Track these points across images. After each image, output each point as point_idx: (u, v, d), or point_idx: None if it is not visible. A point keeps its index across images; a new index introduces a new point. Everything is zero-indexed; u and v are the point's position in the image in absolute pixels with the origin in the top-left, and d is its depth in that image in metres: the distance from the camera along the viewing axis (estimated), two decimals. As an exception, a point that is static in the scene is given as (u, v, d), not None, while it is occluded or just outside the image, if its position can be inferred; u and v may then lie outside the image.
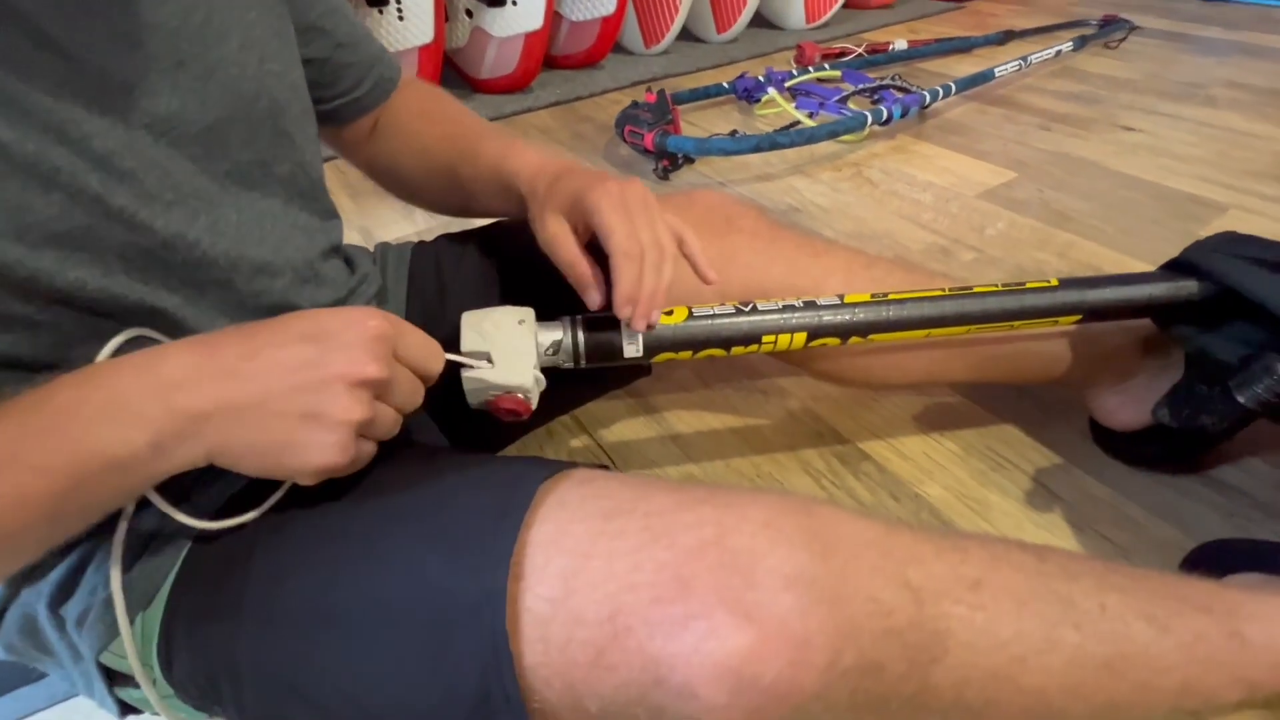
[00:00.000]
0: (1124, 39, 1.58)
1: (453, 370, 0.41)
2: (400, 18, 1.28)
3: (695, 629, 0.26)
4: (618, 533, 0.29)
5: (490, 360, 0.40)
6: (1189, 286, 0.49)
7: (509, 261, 0.52)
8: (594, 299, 0.40)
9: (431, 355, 0.34)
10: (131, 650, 0.33)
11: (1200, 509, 0.55)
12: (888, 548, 0.30)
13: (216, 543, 0.35)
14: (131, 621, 0.33)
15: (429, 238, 0.57)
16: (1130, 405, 0.57)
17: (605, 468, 0.60)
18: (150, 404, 0.27)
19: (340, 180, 1.16)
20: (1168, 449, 0.57)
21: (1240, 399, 0.43)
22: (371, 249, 0.55)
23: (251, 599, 0.32)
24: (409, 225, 1.03)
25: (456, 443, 0.52)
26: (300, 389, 0.28)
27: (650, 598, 0.27)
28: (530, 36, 1.39)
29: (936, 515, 0.56)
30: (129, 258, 0.33)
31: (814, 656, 0.26)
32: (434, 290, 0.52)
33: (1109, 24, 1.59)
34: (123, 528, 0.32)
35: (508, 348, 0.40)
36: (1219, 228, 0.79)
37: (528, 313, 0.42)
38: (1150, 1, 1.88)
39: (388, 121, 0.53)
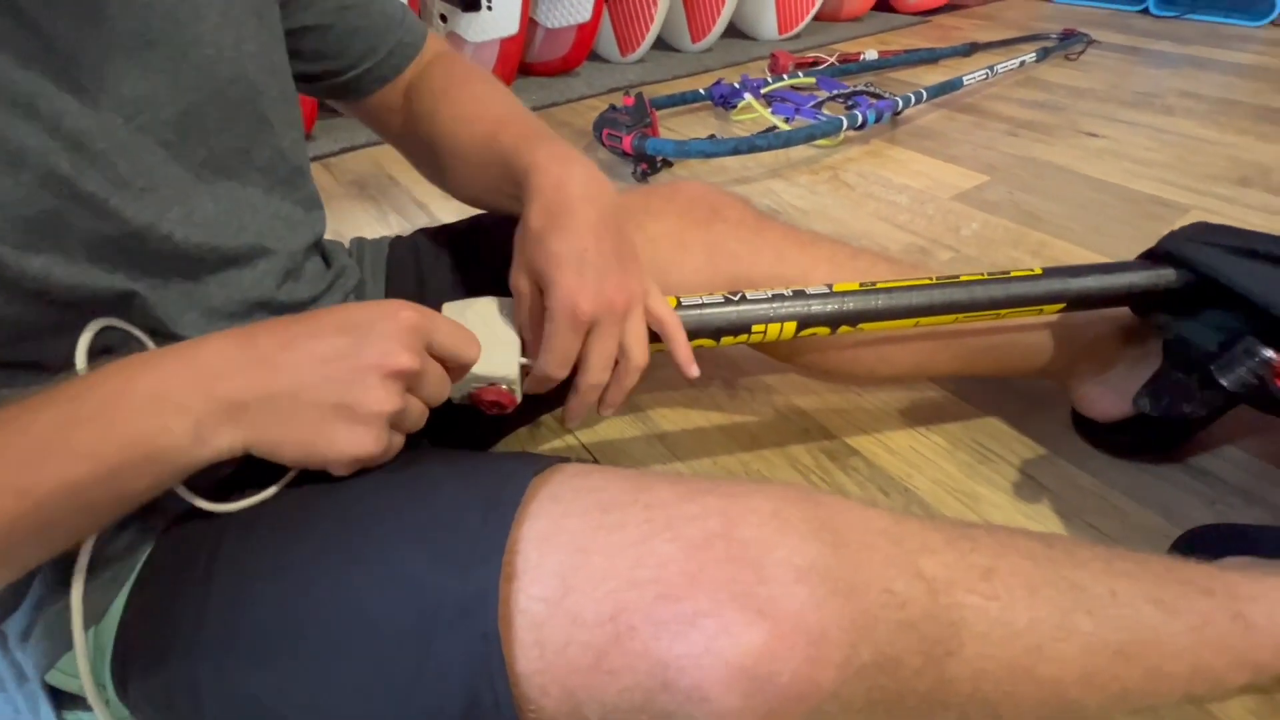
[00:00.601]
0: (1083, 51, 1.64)
1: None
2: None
3: (705, 627, 0.24)
4: (617, 526, 0.27)
5: None
6: (1167, 275, 0.49)
7: (490, 254, 0.51)
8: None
9: (466, 344, 0.33)
10: (84, 667, 0.30)
11: (1183, 496, 0.55)
12: (899, 536, 0.28)
13: (177, 549, 0.33)
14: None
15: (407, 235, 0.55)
16: (1111, 395, 0.57)
17: (595, 463, 0.59)
18: (191, 394, 0.27)
19: (310, 184, 1.13)
20: (1148, 438, 0.58)
21: (1224, 383, 0.44)
22: (347, 244, 0.53)
23: (214, 610, 0.30)
24: (383, 228, 1.00)
25: (439, 442, 0.49)
26: (334, 379, 0.28)
27: (655, 595, 0.25)
28: (506, 42, 1.38)
29: (926, 509, 0.55)
30: (96, 246, 0.31)
31: (831, 653, 0.24)
32: (413, 284, 0.50)
33: (1068, 37, 1.65)
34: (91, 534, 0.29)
35: (491, 338, 0.39)
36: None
37: (510, 303, 0.41)
38: (1105, 18, 1.96)
39: (416, 102, 0.47)
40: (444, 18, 1.40)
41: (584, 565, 0.26)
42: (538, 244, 0.36)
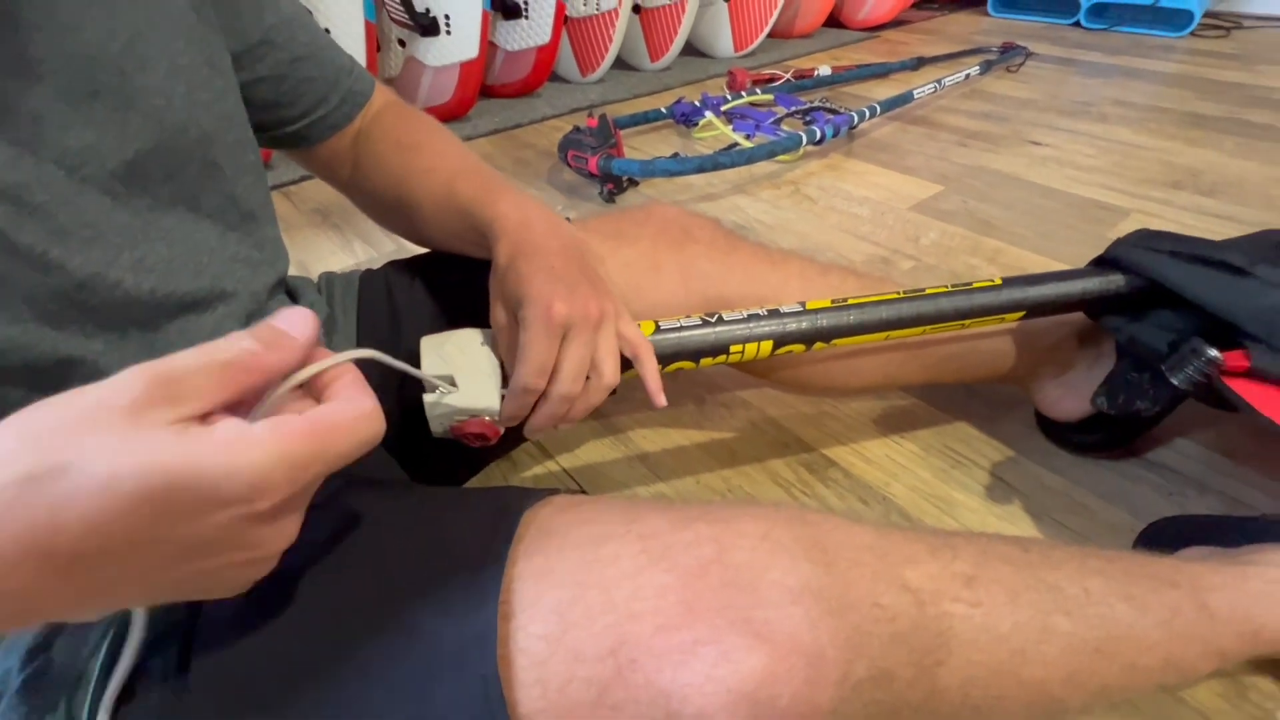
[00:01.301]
0: (1022, 63, 1.72)
1: (411, 400, 0.39)
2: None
3: (705, 655, 0.24)
4: (612, 558, 0.27)
5: (454, 384, 0.38)
6: (1116, 280, 0.52)
7: (464, 283, 0.50)
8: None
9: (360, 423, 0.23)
10: None
11: (1143, 490, 0.58)
12: (884, 550, 0.29)
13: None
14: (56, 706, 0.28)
15: (374, 268, 0.54)
16: (1071, 396, 0.60)
17: (583, 493, 0.59)
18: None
19: (269, 213, 1.11)
20: (1107, 435, 0.61)
21: (1174, 381, 0.46)
22: (315, 279, 0.52)
23: (199, 663, 0.29)
24: (348, 257, 0.99)
25: (417, 478, 0.49)
26: (206, 569, 0.21)
27: (654, 625, 0.25)
28: (466, 65, 1.38)
29: (905, 516, 0.57)
30: (40, 302, 0.29)
31: (828, 671, 0.25)
32: (386, 317, 0.50)
33: (1008, 50, 1.73)
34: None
35: (472, 370, 0.39)
36: (1125, 229, 0.85)
37: (491, 333, 0.41)
38: (1040, 31, 2.06)
39: (367, 151, 0.49)
40: (402, 43, 1.39)
41: (581, 600, 0.26)
42: (508, 271, 0.37)
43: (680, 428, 0.66)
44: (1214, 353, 0.45)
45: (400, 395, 0.43)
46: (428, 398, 0.37)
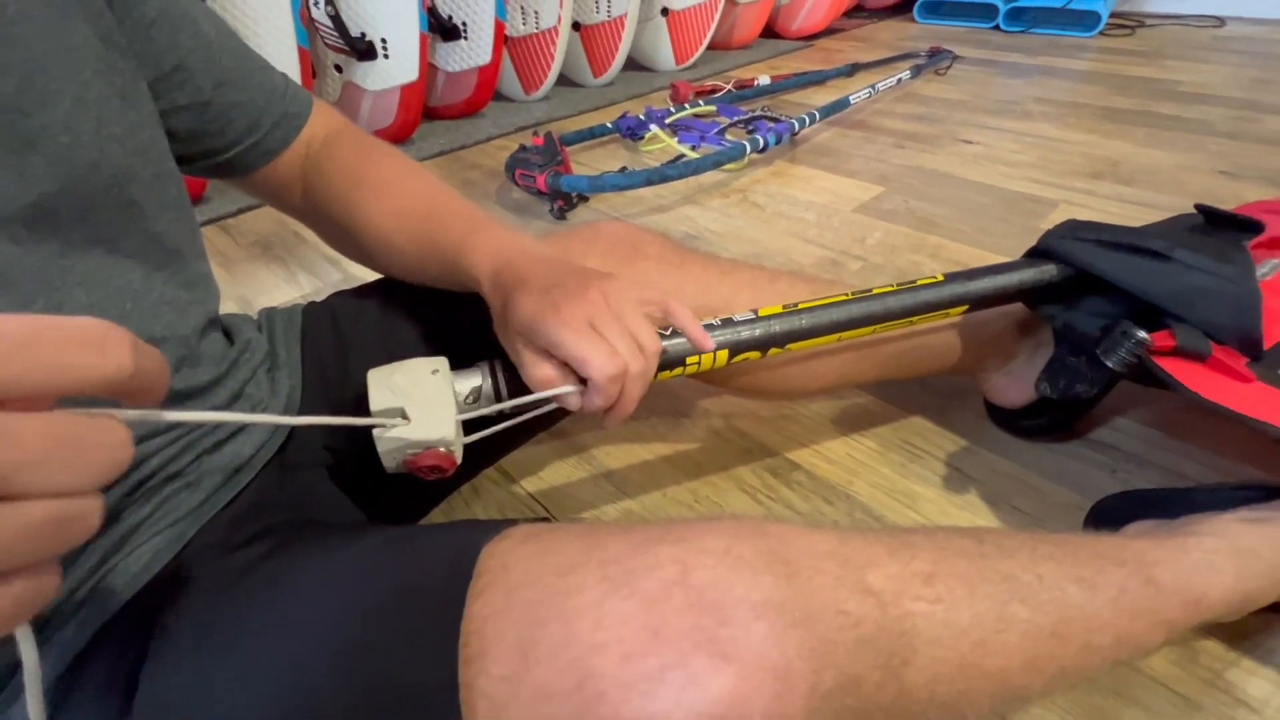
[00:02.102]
0: (949, 66, 1.80)
1: (364, 435, 0.37)
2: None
3: (672, 681, 0.24)
4: (574, 589, 0.27)
5: (405, 416, 0.36)
6: (1049, 270, 0.54)
7: (415, 310, 0.49)
8: (577, 404, 0.37)
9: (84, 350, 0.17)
10: None
11: (1089, 469, 0.60)
12: (845, 556, 0.29)
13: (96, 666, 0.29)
14: None
15: (319, 300, 0.52)
16: (1016, 384, 0.62)
17: (546, 519, 0.58)
18: None
19: (210, 248, 1.06)
20: (1052, 419, 0.63)
21: (1109, 363, 0.48)
22: (255, 316, 0.50)
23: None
24: (293, 289, 0.95)
25: (374, 516, 0.47)
26: None
27: (619, 656, 0.25)
28: (406, 89, 1.36)
29: (869, 513, 0.58)
30: None
31: (796, 684, 0.25)
32: (332, 350, 0.48)
33: (935, 54, 1.81)
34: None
35: (423, 400, 0.37)
36: (1054, 220, 0.90)
37: (441, 362, 0.40)
38: (963, 35, 2.16)
39: (319, 182, 0.46)
40: (339, 68, 1.37)
41: (544, 636, 0.25)
42: (509, 316, 0.37)
43: (644, 442, 0.66)
44: (1143, 334, 0.47)
45: (351, 430, 0.42)
46: (377, 432, 0.36)
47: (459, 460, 0.38)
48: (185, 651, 0.30)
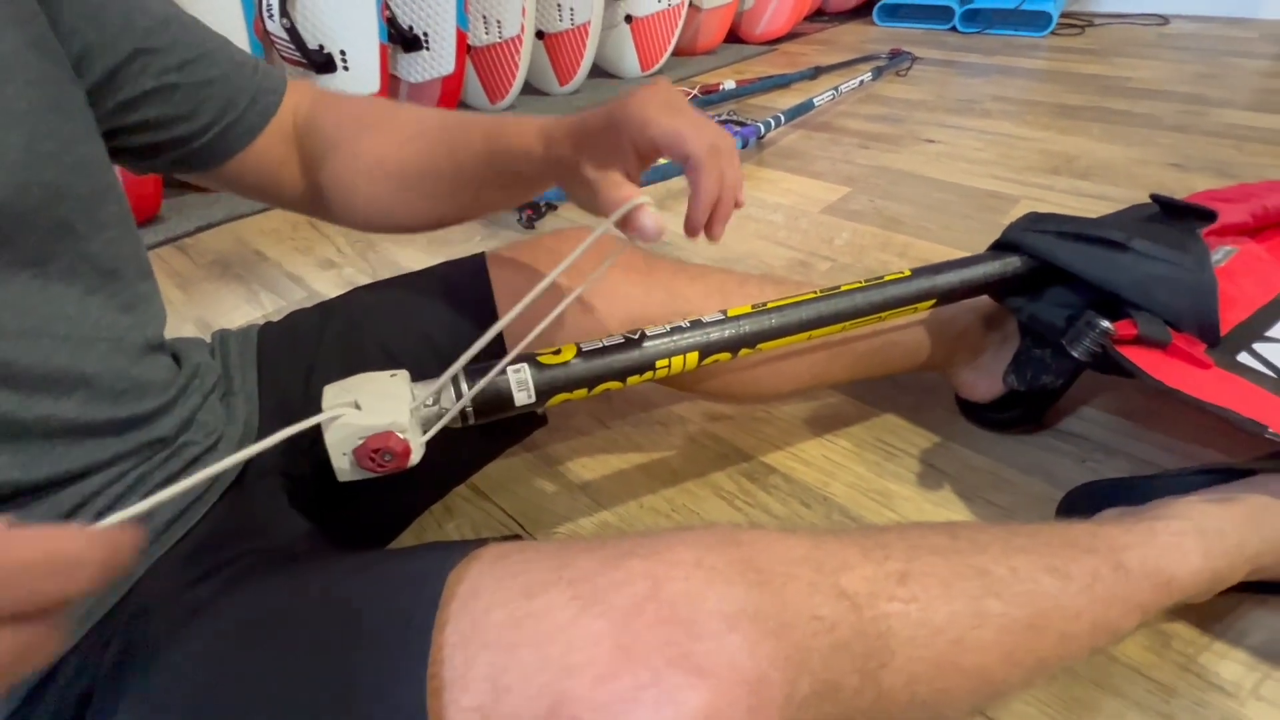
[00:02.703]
0: (909, 67, 1.83)
1: (325, 456, 0.36)
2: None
3: (646, 700, 0.23)
4: (544, 611, 0.26)
5: (358, 406, 0.35)
6: (1013, 262, 0.55)
7: (380, 329, 0.48)
8: (654, 224, 0.34)
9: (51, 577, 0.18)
10: None
11: (1059, 460, 0.61)
12: (818, 561, 0.29)
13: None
14: None
15: (279, 319, 0.50)
16: (985, 378, 0.63)
17: (517, 538, 0.56)
18: None
19: (166, 269, 1.03)
20: (1022, 411, 0.64)
21: (1074, 353, 0.49)
22: (209, 339, 0.48)
23: None
24: (254, 309, 0.93)
25: (341, 543, 0.45)
26: None
27: (592, 677, 0.24)
28: (367, 100, 1.34)
29: (846, 513, 0.57)
30: None
31: (773, 694, 0.24)
32: (290, 371, 0.46)
33: (896, 56, 1.84)
34: None
35: (378, 394, 0.36)
36: (1016, 215, 0.91)
37: (401, 372, 0.38)
38: (922, 37, 2.20)
39: (317, 145, 0.44)
40: (296, 81, 1.34)
41: (514, 662, 0.24)
42: (600, 122, 0.35)
43: (619, 452, 0.65)
44: (1106, 324, 0.48)
45: (313, 454, 0.40)
46: (328, 424, 0.34)
47: (415, 453, 0.36)
48: (133, 699, 0.28)
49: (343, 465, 0.35)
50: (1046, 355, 0.57)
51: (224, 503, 0.40)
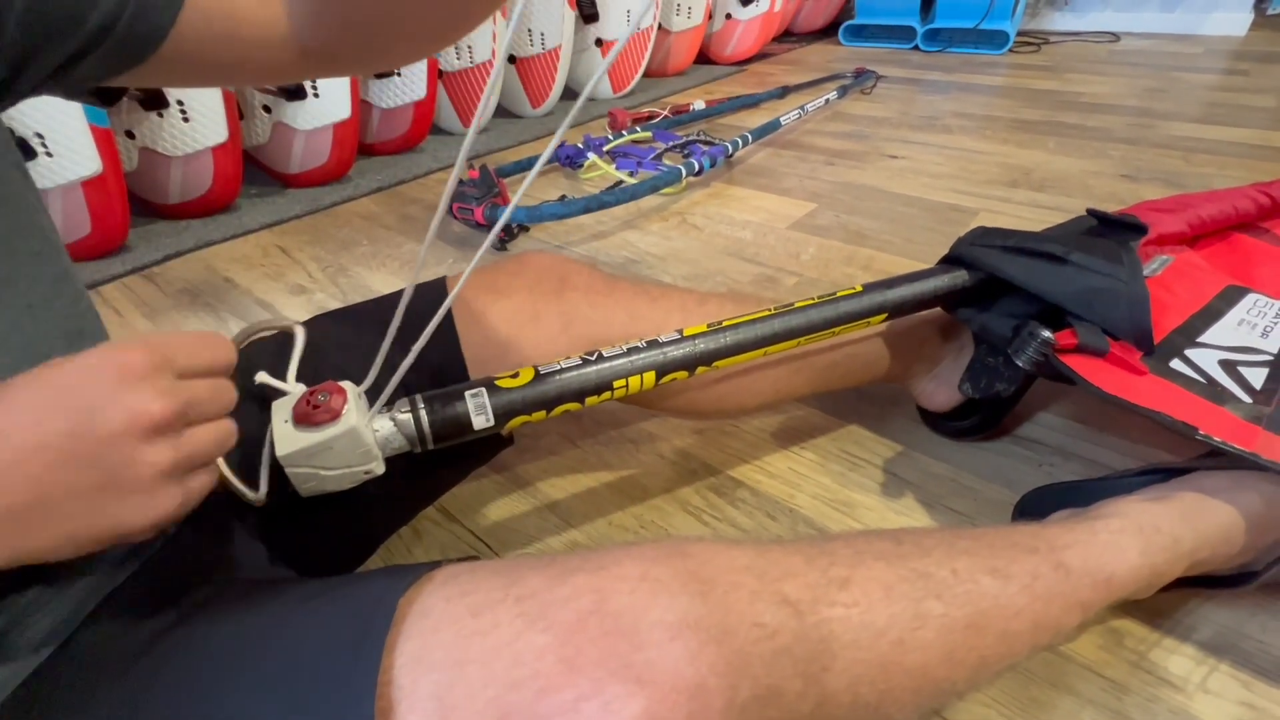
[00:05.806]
0: (874, 86, 1.88)
1: (287, 485, 0.36)
2: (185, 119, 1.18)
3: (587, 710, 0.24)
4: (490, 628, 0.26)
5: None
6: (961, 276, 0.57)
7: (336, 353, 0.48)
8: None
9: (215, 349, 0.30)
10: None
11: (1016, 465, 0.63)
12: (761, 569, 0.30)
13: None
14: None
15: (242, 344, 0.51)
16: (943, 387, 0.64)
17: (474, 558, 0.56)
18: None
19: (133, 299, 1.02)
20: (980, 419, 0.66)
21: (1019, 362, 0.50)
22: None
23: None
24: (222, 336, 0.92)
25: (305, 571, 0.45)
26: (82, 467, 0.25)
27: (536, 690, 0.24)
28: (339, 126, 1.35)
29: (811, 524, 0.58)
30: None
31: (712, 700, 0.25)
32: (249, 404, 0.46)
33: (861, 75, 1.89)
34: None
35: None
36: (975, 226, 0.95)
37: (348, 383, 0.39)
38: (885, 56, 2.27)
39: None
40: (268, 109, 1.35)
41: (460, 679, 0.25)
42: None
43: (589, 470, 0.65)
44: (1048, 333, 0.50)
45: (275, 483, 0.40)
46: (276, 402, 0.37)
47: (355, 415, 0.37)
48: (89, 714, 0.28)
49: (285, 434, 0.36)
50: (998, 364, 0.58)
51: (181, 535, 0.39)
